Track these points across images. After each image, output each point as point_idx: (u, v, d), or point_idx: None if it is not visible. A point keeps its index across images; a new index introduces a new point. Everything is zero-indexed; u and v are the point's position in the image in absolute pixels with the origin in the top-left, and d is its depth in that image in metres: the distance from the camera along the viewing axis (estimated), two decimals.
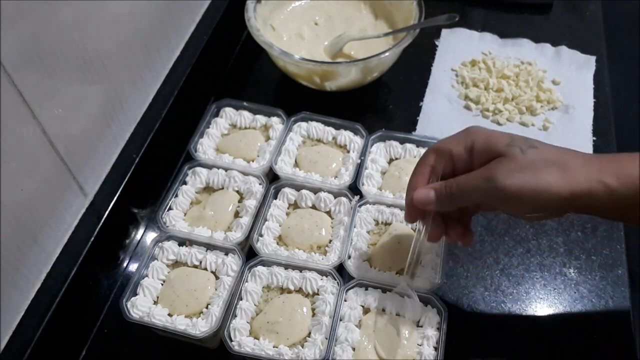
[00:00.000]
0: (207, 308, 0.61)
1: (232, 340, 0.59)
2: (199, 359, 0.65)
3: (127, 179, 0.70)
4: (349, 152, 0.76)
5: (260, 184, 0.72)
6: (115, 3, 0.66)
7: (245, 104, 0.80)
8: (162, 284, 0.64)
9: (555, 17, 1.03)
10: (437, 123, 0.86)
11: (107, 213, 0.67)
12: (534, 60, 0.94)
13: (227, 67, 0.95)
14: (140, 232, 0.76)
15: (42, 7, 0.54)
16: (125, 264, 0.72)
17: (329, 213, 0.71)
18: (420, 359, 0.58)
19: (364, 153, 0.75)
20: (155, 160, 0.76)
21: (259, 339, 0.59)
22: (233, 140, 0.77)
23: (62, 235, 0.64)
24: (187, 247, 0.66)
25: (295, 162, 0.75)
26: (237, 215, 0.70)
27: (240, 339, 0.59)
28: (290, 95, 0.89)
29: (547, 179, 0.50)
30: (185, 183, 0.72)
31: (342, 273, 0.65)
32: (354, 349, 0.59)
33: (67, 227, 0.65)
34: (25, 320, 0.58)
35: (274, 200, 0.71)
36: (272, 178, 0.74)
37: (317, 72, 0.81)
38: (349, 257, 0.65)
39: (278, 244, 0.68)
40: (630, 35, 1.29)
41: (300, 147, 0.77)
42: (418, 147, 0.76)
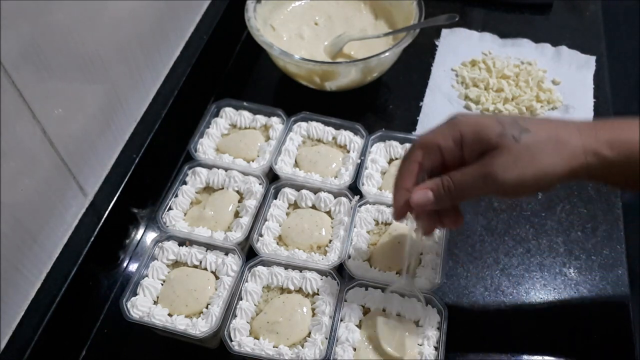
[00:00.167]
0: (207, 308, 0.61)
1: (232, 340, 0.59)
2: (199, 359, 0.65)
3: (127, 179, 0.70)
4: (349, 152, 0.76)
5: (260, 184, 0.72)
6: (115, 3, 0.66)
7: (245, 104, 0.80)
8: (162, 284, 0.64)
9: (555, 17, 1.03)
10: (437, 123, 0.85)
11: (107, 213, 0.67)
12: (534, 60, 0.94)
13: (227, 67, 0.95)
14: (140, 232, 0.76)
15: (42, 7, 0.54)
16: (125, 264, 0.72)
17: (329, 213, 0.71)
18: (421, 359, 0.58)
19: (364, 153, 0.75)
20: (155, 160, 0.76)
21: (259, 339, 0.59)
22: (233, 140, 0.77)
23: (62, 235, 0.64)
24: (187, 247, 0.66)
25: (295, 162, 0.75)
26: (237, 215, 0.70)
27: (240, 339, 0.59)
28: (290, 95, 0.89)
29: (545, 163, 0.50)
30: (185, 183, 0.72)
31: (342, 273, 0.65)
32: (355, 349, 0.59)
33: (67, 227, 0.65)
34: (25, 320, 0.58)
35: (274, 200, 0.71)
36: (272, 178, 0.74)
37: (317, 72, 0.81)
38: (349, 257, 0.65)
39: (278, 244, 0.68)
40: (630, 35, 1.29)
41: (300, 147, 0.77)
42: None
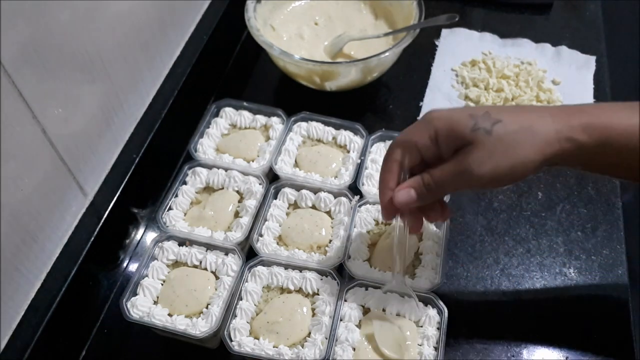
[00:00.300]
0: (207, 308, 0.61)
1: (232, 340, 0.59)
2: (199, 359, 0.65)
3: (127, 179, 0.70)
4: (349, 152, 0.76)
5: (260, 184, 0.72)
6: (115, 3, 0.66)
7: (245, 104, 0.80)
8: (162, 284, 0.64)
9: (555, 17, 1.03)
10: None
11: (107, 213, 0.67)
12: (534, 60, 0.94)
13: (227, 67, 0.95)
14: (140, 232, 0.76)
15: (42, 7, 0.54)
16: (125, 264, 0.72)
17: (329, 213, 0.71)
18: (421, 359, 0.58)
19: (364, 153, 0.75)
20: (155, 160, 0.76)
21: (259, 339, 0.59)
22: (233, 140, 0.77)
23: (62, 235, 0.64)
24: (187, 247, 0.66)
25: (295, 162, 0.75)
26: (237, 215, 0.70)
27: (240, 339, 0.59)
28: (290, 95, 0.89)
29: (519, 153, 0.50)
30: (185, 183, 0.72)
31: (342, 273, 0.65)
32: (354, 349, 0.59)
33: (67, 227, 0.65)
34: (25, 320, 0.58)
35: (274, 200, 0.71)
36: (272, 178, 0.74)
37: (317, 72, 0.81)
38: (349, 257, 0.65)
39: (278, 244, 0.68)
40: (630, 35, 1.29)
41: (300, 147, 0.77)
42: None
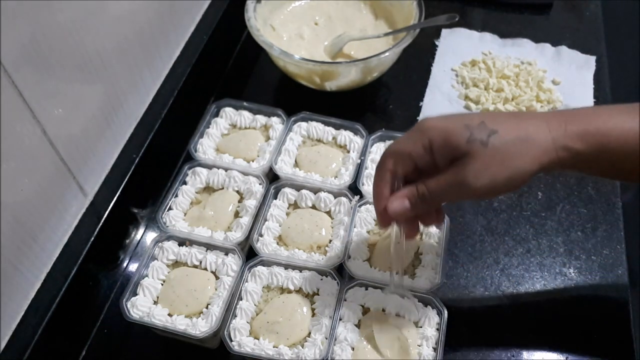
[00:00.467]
0: (207, 308, 0.61)
1: (232, 340, 0.59)
2: (199, 359, 0.65)
3: (127, 179, 0.70)
4: (349, 152, 0.76)
5: (260, 184, 0.72)
6: (115, 3, 0.66)
7: (245, 104, 0.80)
8: (162, 284, 0.64)
9: (555, 17, 1.03)
10: None
11: (107, 213, 0.67)
12: (534, 60, 0.94)
13: (227, 67, 0.95)
14: (140, 232, 0.76)
15: (42, 7, 0.54)
16: (125, 264, 0.72)
17: (329, 213, 0.71)
18: None
19: (364, 153, 0.75)
20: (155, 160, 0.76)
21: (259, 339, 0.59)
22: (233, 140, 0.77)
23: (62, 235, 0.64)
24: (187, 247, 0.66)
25: (295, 162, 0.75)
26: (237, 215, 0.70)
27: (240, 339, 0.59)
28: (290, 95, 0.89)
29: (515, 164, 0.50)
30: (185, 183, 0.72)
31: (342, 273, 0.65)
32: (354, 349, 0.59)
33: (67, 227, 0.65)
34: (25, 320, 0.58)
35: (274, 200, 0.71)
36: (272, 178, 0.74)
37: (317, 72, 0.81)
38: (349, 257, 0.65)
39: (278, 244, 0.68)
40: (630, 35, 1.29)
41: (300, 147, 0.77)
42: None
